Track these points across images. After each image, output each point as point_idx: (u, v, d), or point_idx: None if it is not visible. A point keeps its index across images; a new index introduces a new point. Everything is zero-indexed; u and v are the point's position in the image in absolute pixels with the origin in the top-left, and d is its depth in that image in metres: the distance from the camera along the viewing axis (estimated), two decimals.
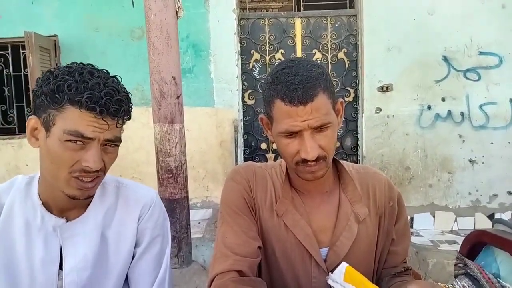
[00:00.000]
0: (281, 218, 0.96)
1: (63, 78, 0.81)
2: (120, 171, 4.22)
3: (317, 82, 0.83)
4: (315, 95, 0.82)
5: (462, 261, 1.04)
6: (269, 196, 0.99)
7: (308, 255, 0.95)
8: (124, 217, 0.98)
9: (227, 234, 0.95)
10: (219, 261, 0.92)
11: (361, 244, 0.97)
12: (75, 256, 0.91)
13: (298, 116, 0.82)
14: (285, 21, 4.43)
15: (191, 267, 3.07)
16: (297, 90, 0.81)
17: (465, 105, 4.21)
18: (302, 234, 0.95)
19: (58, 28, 4.25)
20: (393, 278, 0.99)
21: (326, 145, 0.86)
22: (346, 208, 0.98)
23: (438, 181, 4.29)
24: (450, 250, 3.49)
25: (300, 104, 0.81)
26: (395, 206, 1.02)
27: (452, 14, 4.13)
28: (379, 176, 1.05)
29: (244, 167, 1.03)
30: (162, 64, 2.90)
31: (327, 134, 0.85)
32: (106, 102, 0.80)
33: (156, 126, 2.97)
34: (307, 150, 0.83)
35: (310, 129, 0.83)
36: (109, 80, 0.84)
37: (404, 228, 1.04)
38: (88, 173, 0.82)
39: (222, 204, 1.01)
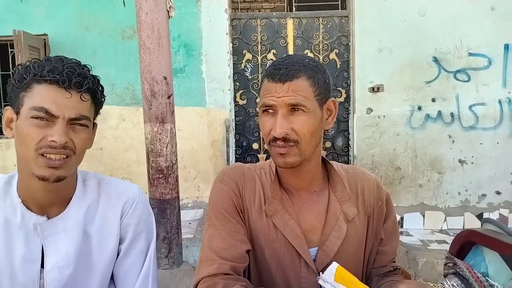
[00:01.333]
0: (270, 219, 0.96)
1: (32, 62, 0.85)
2: (110, 171, 4.19)
3: (302, 67, 0.88)
4: (296, 77, 0.87)
5: (451, 261, 1.05)
6: (257, 197, 0.99)
7: (298, 255, 0.95)
8: (107, 213, 0.97)
9: (214, 238, 0.94)
10: (205, 264, 0.91)
11: (350, 243, 0.98)
12: (57, 254, 0.90)
13: (275, 92, 0.87)
14: (277, 21, 4.43)
15: (181, 267, 3.05)
16: (280, 69, 0.88)
17: (455, 106, 4.26)
18: (291, 235, 0.95)
19: (48, 27, 4.20)
20: (383, 277, 0.99)
21: (299, 129, 0.87)
22: (335, 207, 0.98)
23: (428, 181, 4.32)
24: (439, 250, 3.53)
25: (279, 81, 0.87)
26: (383, 206, 1.03)
27: (443, 15, 4.17)
28: (367, 177, 1.06)
29: (233, 168, 1.03)
30: (153, 63, 2.88)
31: (302, 119, 0.87)
32: (68, 73, 0.83)
33: (147, 126, 2.95)
34: (276, 127, 0.87)
35: (285, 106, 0.86)
36: (74, 61, 0.88)
37: (392, 228, 1.05)
38: (54, 148, 0.82)
39: (210, 206, 1.00)
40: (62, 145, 0.82)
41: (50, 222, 0.90)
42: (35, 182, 0.85)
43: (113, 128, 4.28)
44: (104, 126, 4.23)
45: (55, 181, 0.84)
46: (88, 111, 0.87)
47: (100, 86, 0.91)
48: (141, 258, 1.00)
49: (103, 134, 4.24)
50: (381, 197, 1.03)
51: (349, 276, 0.81)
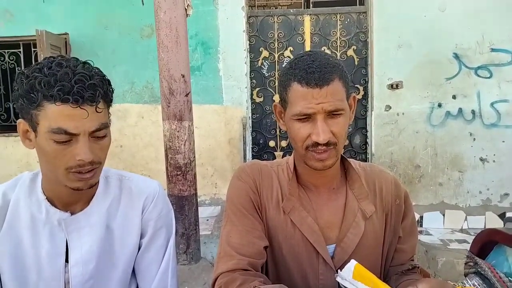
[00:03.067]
0: (288, 215, 0.96)
1: (34, 76, 0.79)
2: (129, 167, 4.26)
3: (333, 69, 0.86)
4: (332, 80, 0.84)
5: (472, 260, 1.03)
6: (275, 193, 0.99)
7: (315, 252, 0.95)
8: (128, 209, 0.99)
9: (232, 234, 0.95)
10: (223, 260, 0.92)
11: (368, 240, 0.97)
12: (81, 249, 0.92)
13: (313, 99, 0.84)
14: (294, 18, 4.41)
15: (199, 263, 3.09)
16: (314, 73, 0.84)
17: (476, 103, 4.16)
18: (309, 231, 0.95)
19: (69, 26, 4.29)
20: (402, 276, 0.98)
21: (337, 132, 0.86)
22: (353, 205, 0.98)
23: (448, 179, 4.24)
24: (460, 249, 3.46)
25: (316, 86, 0.83)
26: (401, 204, 1.02)
27: (464, 11, 4.07)
28: (385, 175, 1.05)
29: (250, 165, 1.04)
30: (171, 62, 2.91)
31: (339, 121, 0.86)
32: (79, 90, 0.79)
33: (165, 124, 2.98)
34: (319, 132, 0.84)
35: (324, 112, 0.84)
36: (78, 67, 0.82)
37: (411, 226, 1.04)
38: (83, 166, 0.82)
39: (227, 203, 1.01)
40: (89, 161, 0.82)
41: (74, 217, 0.92)
42: (65, 189, 0.87)
43: (132, 125, 4.35)
44: (123, 124, 4.30)
45: (88, 188, 0.87)
46: (105, 117, 0.86)
47: (108, 82, 0.87)
48: (161, 252, 1.01)
49: (123, 132, 4.32)
50: (399, 195, 1.02)
51: (367, 274, 0.81)
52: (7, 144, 4.39)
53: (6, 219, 0.91)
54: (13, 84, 0.86)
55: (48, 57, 0.85)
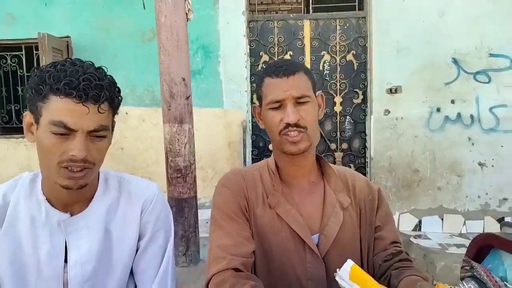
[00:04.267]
0: (274, 210, 1.03)
1: (46, 70, 0.83)
2: (130, 170, 4.27)
3: (299, 65, 1.04)
4: (297, 72, 1.00)
5: (468, 264, 1.05)
6: (260, 193, 1.06)
7: (302, 242, 1.01)
8: (127, 211, 1.00)
9: (221, 237, 0.99)
10: (215, 263, 0.95)
11: (347, 229, 1.05)
12: (79, 250, 0.93)
13: (282, 87, 0.98)
14: (294, 23, 4.44)
15: (198, 266, 3.10)
16: (282, 66, 1.00)
17: (475, 108, 4.18)
18: (294, 223, 1.02)
19: (71, 29, 4.32)
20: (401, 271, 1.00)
21: (306, 117, 0.98)
22: (331, 197, 1.07)
23: (446, 184, 4.26)
24: (458, 254, 3.47)
25: (284, 76, 0.99)
26: (374, 198, 1.11)
27: (462, 16, 4.10)
28: (357, 176, 1.15)
29: (233, 172, 1.11)
30: (172, 65, 2.93)
31: (307, 108, 0.99)
32: (84, 87, 0.81)
33: (166, 127, 3.00)
34: (289, 114, 0.97)
35: (292, 98, 0.98)
36: (90, 68, 0.85)
37: (386, 215, 1.11)
38: (75, 162, 0.83)
39: (214, 210, 1.05)
40: (82, 159, 0.83)
41: (73, 219, 0.93)
42: (58, 187, 0.88)
43: (133, 128, 4.37)
44: (124, 127, 4.32)
45: (77, 189, 0.87)
46: (106, 120, 0.87)
47: (117, 90, 0.89)
48: (159, 254, 1.02)
49: (124, 134, 4.33)
50: (371, 192, 1.11)
51: (363, 275, 0.82)
52: (8, 145, 4.41)
53: (5, 219, 0.92)
54: (15, 87, 0.88)
55: (66, 58, 0.90)
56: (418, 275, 0.95)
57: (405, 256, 1.05)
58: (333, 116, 4.48)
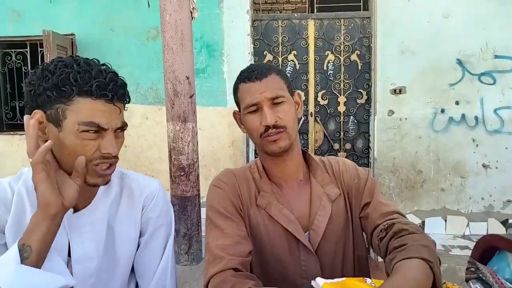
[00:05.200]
0: (265, 211, 1.03)
1: (65, 71, 0.82)
2: (133, 168, 4.28)
3: (270, 67, 1.04)
4: (269, 74, 1.01)
5: (474, 265, 1.04)
6: (253, 193, 1.06)
7: (295, 241, 1.02)
8: (129, 207, 1.00)
9: (218, 238, 0.97)
10: (213, 263, 0.92)
11: (337, 220, 1.05)
12: (83, 246, 0.93)
13: (256, 90, 0.99)
14: (298, 22, 4.44)
15: (201, 264, 3.10)
16: (254, 71, 1.02)
17: (479, 109, 4.17)
18: (287, 222, 1.02)
19: (76, 27, 4.33)
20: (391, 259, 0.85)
21: (283, 117, 0.99)
22: (317, 190, 1.07)
23: (450, 185, 4.25)
24: (461, 255, 3.46)
25: (256, 79, 1.00)
26: (361, 179, 1.09)
27: (468, 17, 4.09)
28: (344, 160, 1.15)
29: (224, 174, 1.11)
30: (176, 63, 2.93)
31: (284, 108, 1.00)
32: (113, 87, 0.84)
33: (169, 125, 3.00)
34: (266, 116, 0.98)
35: (268, 101, 0.98)
36: (104, 67, 0.89)
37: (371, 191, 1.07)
38: (107, 159, 0.86)
39: (209, 211, 1.04)
40: (114, 155, 0.87)
41: (76, 216, 0.93)
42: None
43: (136, 126, 4.38)
44: (128, 124, 4.32)
45: (104, 184, 0.90)
46: (123, 117, 0.91)
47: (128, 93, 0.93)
48: (160, 251, 1.02)
49: (127, 132, 4.22)
50: (358, 175, 1.10)
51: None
52: (12, 142, 4.43)
53: (12, 210, 0.91)
54: (19, 83, 0.87)
55: (67, 56, 0.89)
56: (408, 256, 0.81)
57: (400, 228, 0.91)
58: (337, 116, 4.48)
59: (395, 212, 1.01)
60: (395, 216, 0.99)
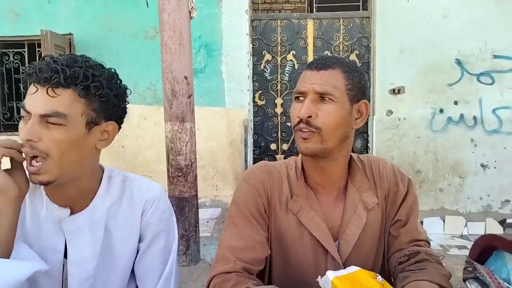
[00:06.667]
0: (295, 216, 0.97)
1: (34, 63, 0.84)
2: (131, 168, 4.27)
3: (339, 62, 0.93)
4: (331, 67, 0.91)
5: (471, 265, 1.04)
6: (285, 194, 0.99)
7: (324, 251, 0.96)
8: (129, 211, 0.97)
9: (233, 237, 0.94)
10: (221, 262, 0.92)
11: (370, 231, 0.98)
12: (79, 249, 0.91)
13: (308, 79, 0.92)
14: (297, 22, 4.43)
15: (199, 265, 3.09)
16: (319, 60, 0.94)
17: (478, 109, 4.17)
18: (318, 231, 0.95)
19: (74, 27, 4.32)
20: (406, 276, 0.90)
21: (322, 117, 0.89)
22: (353, 197, 0.99)
23: (449, 185, 4.25)
24: (459, 255, 3.46)
25: (315, 69, 0.92)
26: (400, 190, 1.02)
27: (467, 17, 4.09)
28: (383, 163, 1.06)
29: (260, 168, 1.03)
30: (174, 63, 2.92)
31: (328, 108, 0.89)
32: (40, 70, 0.80)
33: (167, 125, 2.99)
34: (302, 108, 0.90)
35: (314, 93, 0.90)
36: (72, 55, 0.85)
37: (410, 210, 1.01)
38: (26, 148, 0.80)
39: (232, 205, 1.00)
40: (28, 142, 0.80)
41: (73, 217, 0.92)
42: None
43: (134, 126, 4.37)
44: (125, 125, 4.21)
45: (41, 184, 0.84)
46: (62, 105, 0.80)
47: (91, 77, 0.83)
48: (160, 257, 1.00)
49: (125, 132, 4.33)
50: (397, 183, 1.02)
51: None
52: None
53: None
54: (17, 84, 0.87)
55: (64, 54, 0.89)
56: (427, 279, 0.85)
57: (423, 257, 0.94)
58: None
59: (424, 240, 1.00)
60: (422, 244, 0.98)
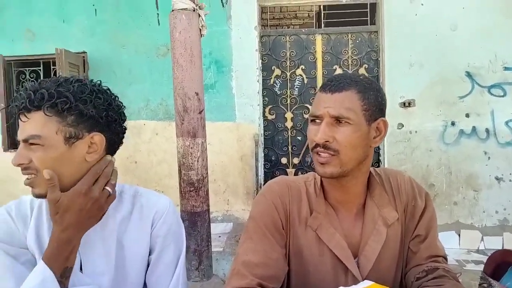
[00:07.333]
0: (315, 233, 0.96)
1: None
2: (143, 183, 4.31)
3: (354, 82, 0.91)
4: (345, 89, 0.89)
5: (486, 281, 1.02)
6: (304, 210, 0.98)
7: (344, 269, 0.94)
8: (139, 224, 0.99)
9: (249, 252, 0.94)
10: (236, 277, 0.91)
11: (391, 247, 0.96)
12: (93, 262, 0.93)
13: (323, 102, 0.90)
14: (305, 37, 4.48)
15: (211, 280, 3.08)
16: (332, 81, 0.91)
17: (490, 122, 4.13)
18: (338, 248, 0.94)
19: (87, 45, 4.43)
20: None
21: (340, 139, 0.88)
22: (373, 212, 0.97)
23: (463, 198, 4.18)
24: (476, 270, 3.38)
25: (329, 91, 0.90)
26: (418, 204, 1.00)
27: (476, 29, 4.09)
28: (401, 175, 1.05)
29: (278, 182, 1.02)
30: (185, 80, 2.97)
31: (344, 130, 0.88)
32: (16, 98, 0.86)
33: (179, 140, 3.03)
34: (318, 133, 0.89)
35: (329, 117, 0.88)
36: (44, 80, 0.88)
37: (429, 225, 1.00)
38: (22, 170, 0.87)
39: (250, 220, 0.99)
40: (20, 166, 0.86)
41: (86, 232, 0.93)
42: None
43: (146, 142, 4.43)
44: (138, 140, 4.38)
45: (38, 197, 0.89)
46: (38, 129, 0.84)
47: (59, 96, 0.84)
48: (170, 269, 1.01)
49: (138, 148, 4.39)
50: (415, 196, 1.01)
51: None
52: None
53: (31, 224, 0.93)
54: None
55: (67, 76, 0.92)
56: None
57: (441, 273, 0.92)
58: None
59: (442, 256, 0.99)
60: (440, 260, 0.97)
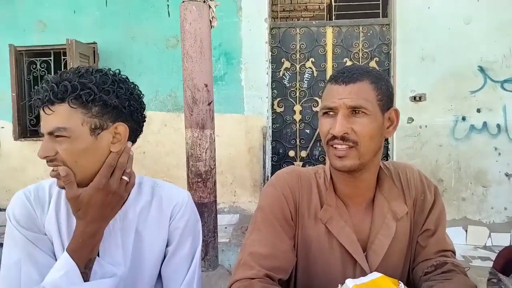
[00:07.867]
0: (325, 225, 0.95)
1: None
2: (151, 174, 4.32)
3: (365, 73, 0.90)
4: (359, 80, 0.88)
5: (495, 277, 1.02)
6: (314, 202, 0.97)
7: (352, 262, 0.94)
8: (157, 216, 1.01)
9: (256, 243, 0.93)
10: (243, 268, 0.91)
11: (400, 241, 0.96)
12: (110, 251, 0.95)
13: (337, 94, 0.88)
14: (316, 30, 4.44)
15: (217, 271, 3.11)
16: (344, 73, 0.90)
17: (502, 117, 4.07)
18: (347, 241, 0.94)
19: (98, 36, 4.45)
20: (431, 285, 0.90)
21: (358, 130, 0.86)
22: (382, 206, 0.96)
23: (471, 194, 4.15)
24: (483, 267, 3.37)
25: (343, 83, 0.88)
26: (427, 198, 1.00)
27: (489, 23, 4.02)
28: (411, 169, 1.04)
29: (288, 172, 1.01)
30: (195, 71, 2.97)
31: (362, 121, 0.87)
32: (38, 91, 0.89)
33: (188, 131, 3.04)
34: (336, 125, 0.86)
35: (346, 108, 0.87)
36: (64, 71, 0.91)
37: (438, 219, 0.99)
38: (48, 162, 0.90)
39: (258, 210, 0.98)
40: (46, 159, 0.89)
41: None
42: None
43: (155, 133, 4.45)
44: (147, 131, 4.35)
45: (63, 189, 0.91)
46: (60, 120, 0.86)
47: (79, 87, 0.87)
48: (186, 262, 1.03)
49: (146, 139, 4.41)
50: (424, 191, 1.00)
51: None
52: (35, 148, 4.55)
53: (50, 211, 0.95)
54: None
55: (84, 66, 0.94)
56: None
57: (450, 268, 0.92)
58: None
59: (451, 250, 0.98)
60: (449, 254, 0.97)
